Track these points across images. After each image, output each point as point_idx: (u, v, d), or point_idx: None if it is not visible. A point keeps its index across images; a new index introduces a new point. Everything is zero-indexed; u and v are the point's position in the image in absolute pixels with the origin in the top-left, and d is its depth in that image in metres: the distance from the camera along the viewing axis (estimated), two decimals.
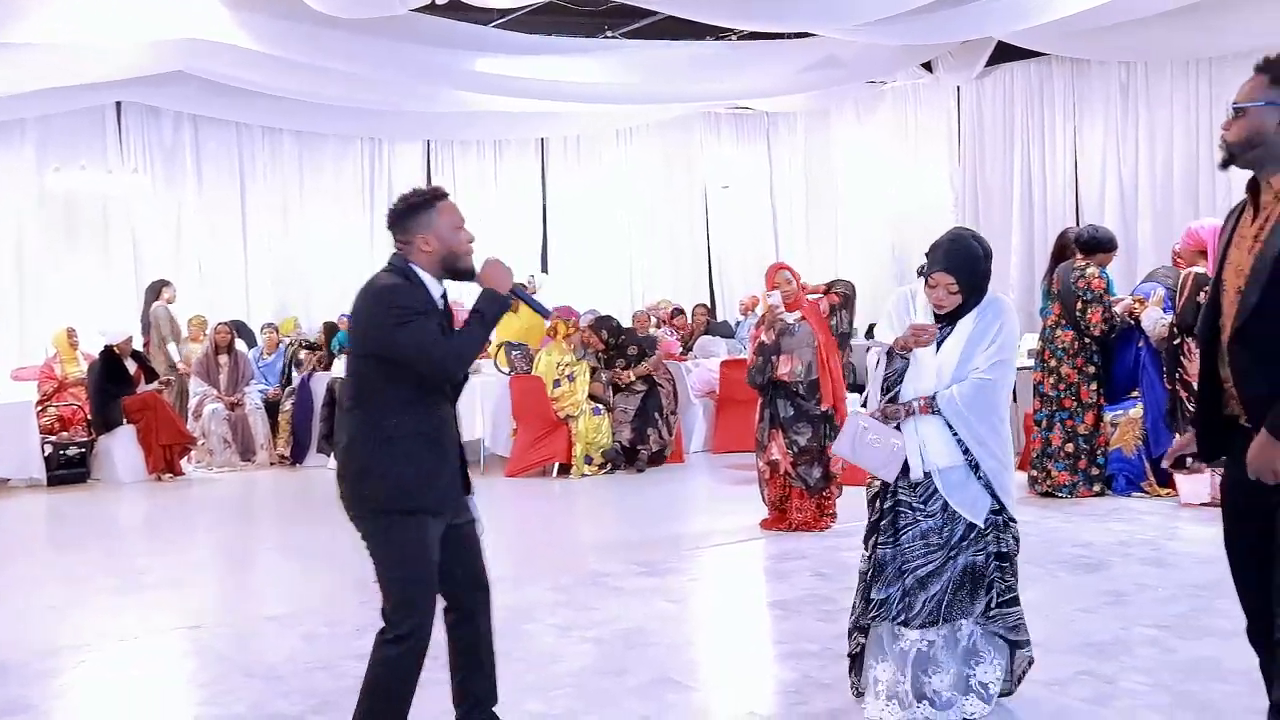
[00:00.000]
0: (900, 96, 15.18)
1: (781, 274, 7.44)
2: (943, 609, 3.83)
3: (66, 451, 10.63)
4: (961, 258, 3.87)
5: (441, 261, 3.54)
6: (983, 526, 3.87)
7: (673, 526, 8.05)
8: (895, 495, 3.93)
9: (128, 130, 13.69)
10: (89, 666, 5.10)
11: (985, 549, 3.88)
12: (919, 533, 3.88)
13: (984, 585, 3.87)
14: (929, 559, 3.86)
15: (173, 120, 13.90)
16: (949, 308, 3.89)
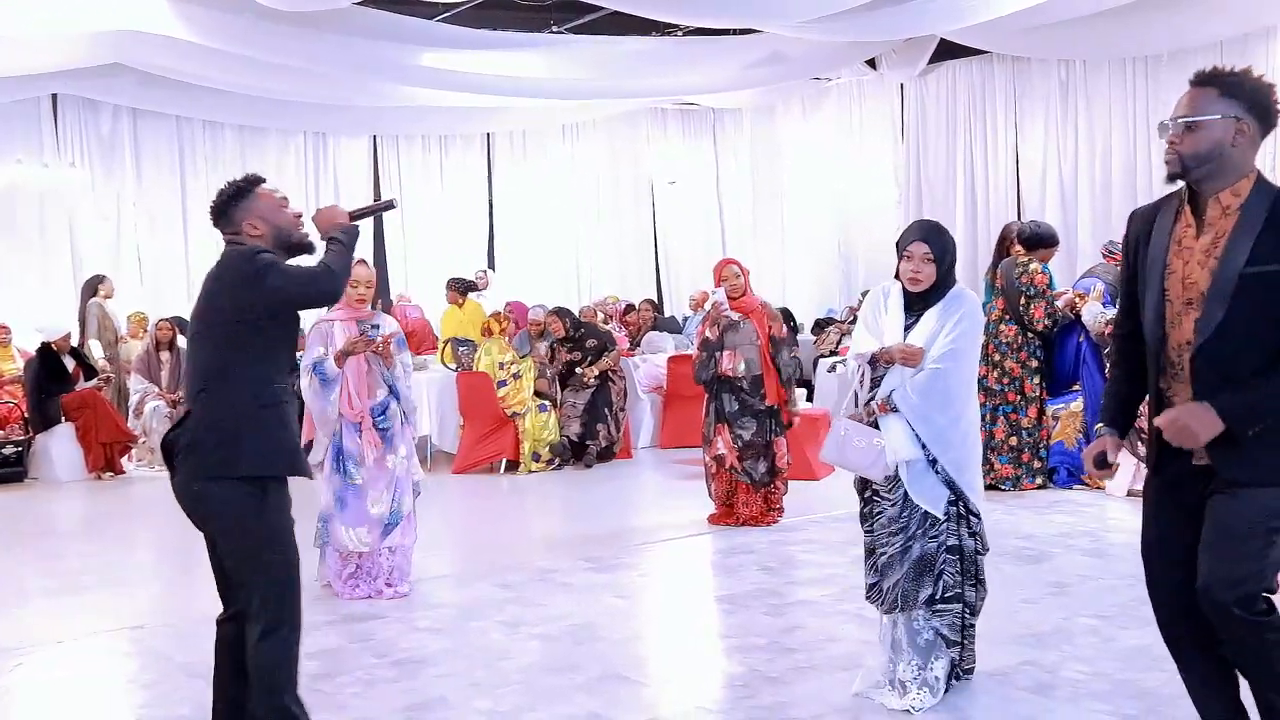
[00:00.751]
0: (845, 93, 15.30)
1: (729, 269, 7.46)
2: (900, 596, 3.95)
3: (2, 450, 10.42)
4: (934, 230, 4.04)
5: (275, 240, 3.54)
6: (940, 517, 3.94)
7: (621, 522, 8.05)
8: (871, 484, 4.06)
9: (64, 123, 13.45)
10: (26, 669, 5.01)
11: (939, 539, 3.95)
12: (886, 519, 4.00)
13: (932, 574, 3.95)
14: (891, 544, 3.98)
15: (111, 113, 13.67)
16: (926, 282, 3.96)
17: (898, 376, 3.98)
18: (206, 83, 12.12)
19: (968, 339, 3.98)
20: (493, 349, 10.13)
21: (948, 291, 4.01)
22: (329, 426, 5.90)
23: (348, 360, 5.76)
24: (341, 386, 5.79)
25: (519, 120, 15.48)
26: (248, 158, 14.54)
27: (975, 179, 13.95)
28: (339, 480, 5.85)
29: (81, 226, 13.56)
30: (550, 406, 10.16)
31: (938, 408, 3.93)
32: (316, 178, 15.13)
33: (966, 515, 4.01)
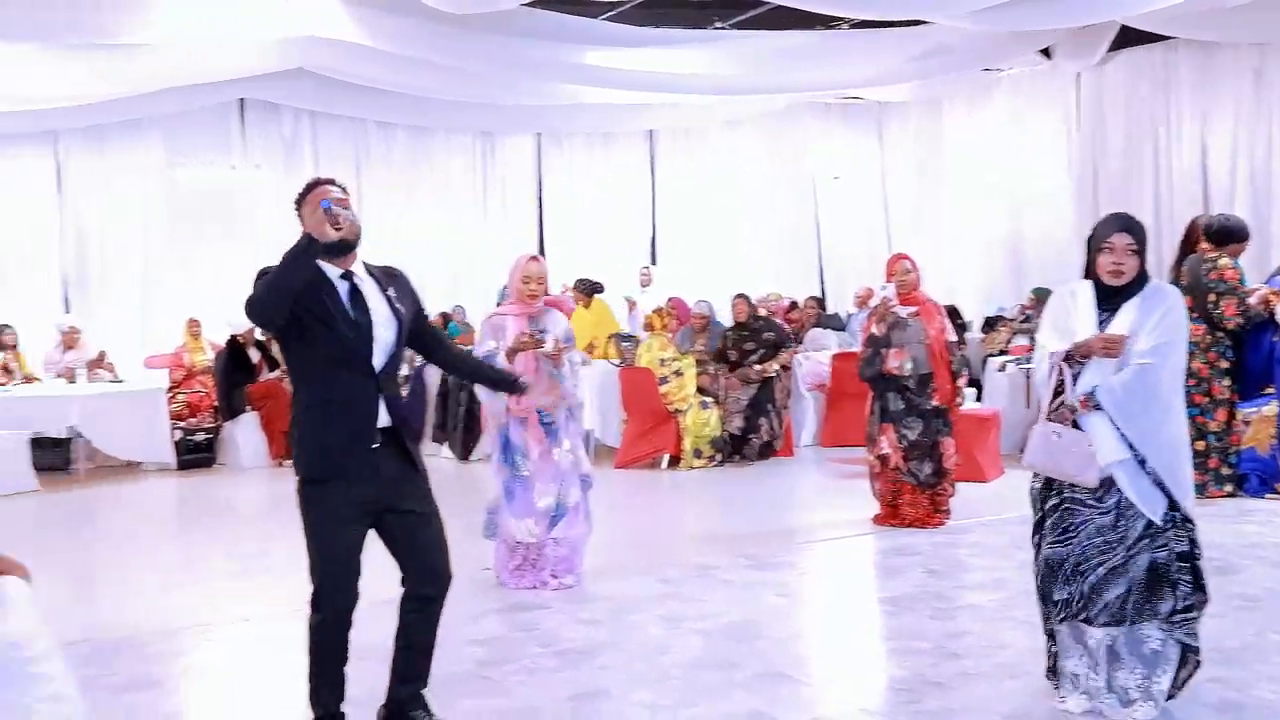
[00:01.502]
0: (1015, 84, 14.84)
1: (902, 264, 7.32)
2: (1128, 609, 3.73)
3: (194, 437, 10.99)
4: (1135, 221, 3.87)
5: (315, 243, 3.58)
6: (1161, 524, 3.73)
7: (782, 520, 8.00)
8: (1063, 493, 3.83)
9: (250, 126, 14.09)
10: (212, 645, 5.27)
11: (1168, 547, 3.74)
12: (1094, 529, 3.77)
13: (1169, 585, 3.74)
14: (1107, 557, 3.75)
15: (292, 116, 14.26)
16: (1129, 274, 3.78)
17: (1097, 373, 3.78)
18: (380, 85, 12.54)
19: (1176, 333, 3.77)
20: (654, 345, 10.19)
21: (1144, 285, 3.82)
22: (498, 419, 6.02)
23: (516, 356, 5.86)
24: None
25: (682, 117, 15.51)
26: (417, 157, 14.99)
27: (1159, 172, 13.33)
28: (507, 472, 5.98)
29: (264, 224, 14.19)
30: (712, 403, 10.16)
31: (1145, 406, 3.71)
32: (484, 176, 15.48)
33: (1185, 521, 3.79)
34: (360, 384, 3.63)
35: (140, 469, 10.75)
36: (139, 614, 5.82)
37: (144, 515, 9.11)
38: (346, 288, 3.67)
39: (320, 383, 3.64)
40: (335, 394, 3.62)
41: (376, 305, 3.71)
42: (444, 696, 4.39)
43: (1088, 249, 3.91)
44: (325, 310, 3.60)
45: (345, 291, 3.66)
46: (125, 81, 11.41)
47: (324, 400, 3.63)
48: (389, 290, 3.77)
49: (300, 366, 3.71)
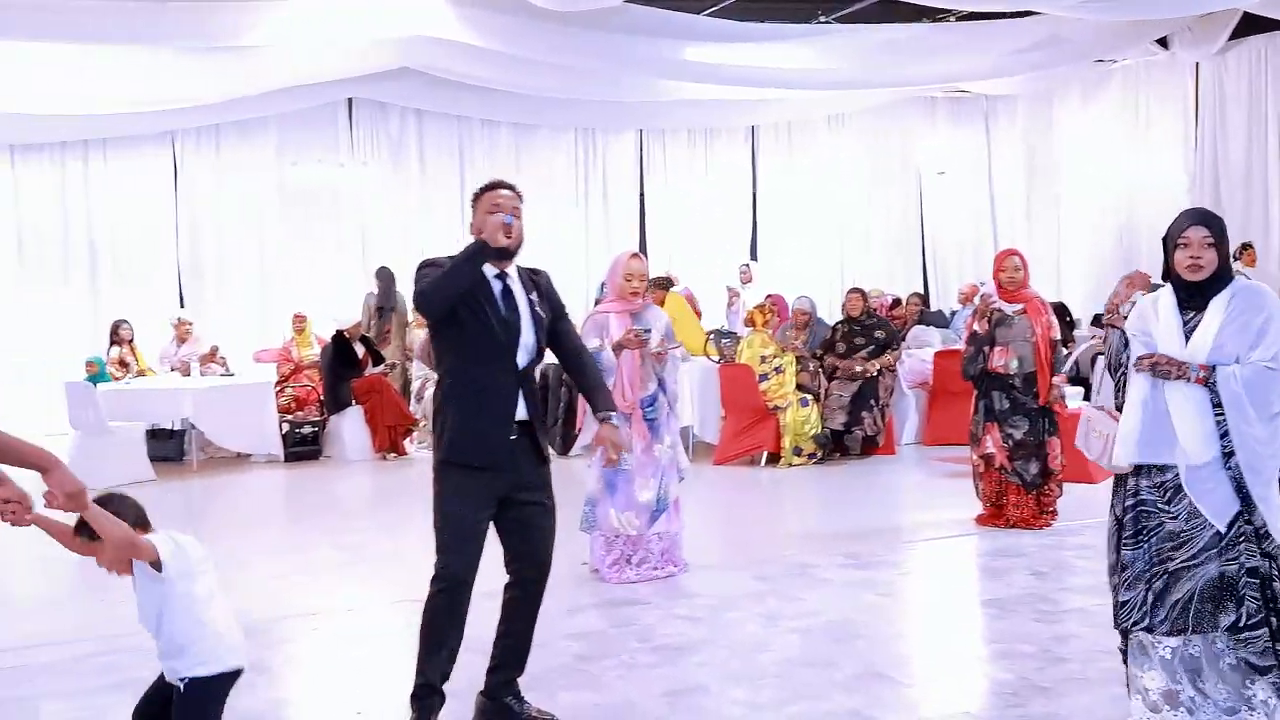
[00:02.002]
0: (1130, 75, 14.45)
1: (1010, 260, 7.19)
2: (1190, 618, 3.56)
3: (301, 430, 11.22)
4: (1209, 213, 3.73)
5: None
6: (1225, 532, 3.55)
7: (882, 519, 7.90)
8: (1138, 494, 3.69)
9: (358, 125, 14.39)
10: (319, 633, 5.38)
11: (1237, 559, 3.55)
12: (1165, 534, 3.62)
13: (1234, 599, 3.54)
14: (1175, 562, 3.59)
15: (398, 114, 14.52)
16: (1208, 268, 3.62)
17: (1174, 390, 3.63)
18: (484, 83, 12.70)
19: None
20: (755, 342, 10.14)
21: (1228, 282, 3.65)
22: None
23: (622, 353, 5.90)
24: (615, 378, 5.92)
25: (784, 112, 15.42)
26: (521, 154, 15.14)
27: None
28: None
29: (371, 221, 14.48)
30: (812, 400, 10.07)
31: (1260, 407, 3.54)
32: (585, 173, 15.57)
33: (1260, 535, 3.57)
34: (503, 378, 3.87)
35: (249, 460, 11.03)
36: (248, 601, 5.95)
37: (253, 506, 9.35)
38: (500, 288, 3.90)
39: (467, 374, 3.88)
40: (480, 386, 3.86)
41: (523, 308, 3.94)
42: (542, 689, 4.44)
43: (1164, 249, 3.75)
44: (480, 308, 3.83)
45: (499, 291, 3.90)
46: (240, 83, 11.75)
47: (469, 391, 3.87)
48: (532, 294, 3.99)
49: (450, 357, 3.93)
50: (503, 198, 3.93)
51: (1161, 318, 3.71)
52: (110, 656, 5.00)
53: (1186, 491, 3.59)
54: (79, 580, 6.84)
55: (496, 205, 3.91)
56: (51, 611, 6.10)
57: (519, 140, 15.13)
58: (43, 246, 13.50)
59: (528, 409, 3.91)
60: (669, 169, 15.92)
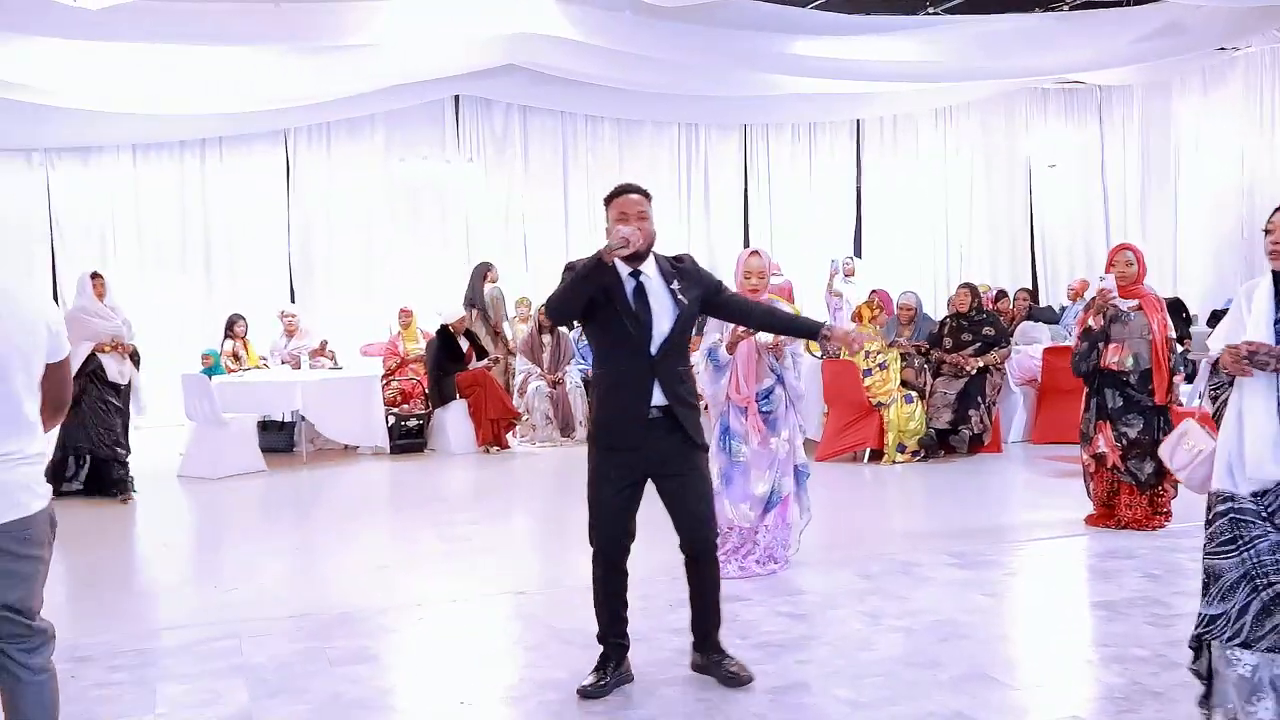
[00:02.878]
0: (1254, 64, 13.95)
1: (1123, 255, 7.00)
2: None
3: (407, 423, 11.41)
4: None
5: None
6: None
7: (988, 518, 7.75)
8: (1234, 500, 3.45)
9: (463, 121, 14.58)
10: (426, 623, 5.46)
11: None
12: (1268, 546, 3.38)
13: None
14: (1273, 575, 3.38)
15: (503, 111, 14.68)
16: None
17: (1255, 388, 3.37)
18: (588, 79, 12.78)
19: None
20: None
21: None
22: (719, 407, 6.11)
23: (738, 347, 5.91)
24: (731, 372, 5.95)
25: (889, 105, 15.24)
26: (624, 150, 15.18)
27: None
28: (725, 458, 6.06)
29: (475, 216, 14.66)
30: (916, 397, 9.93)
31: None
32: (688, 168, 15.56)
33: None
34: (638, 367, 4.18)
35: (356, 452, 11.25)
36: (357, 591, 6.10)
37: (359, 497, 9.53)
38: (633, 285, 4.19)
39: (608, 363, 4.30)
40: (617, 374, 4.24)
41: (660, 299, 4.21)
42: (645, 683, 4.46)
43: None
44: (612, 305, 4.17)
45: (631, 289, 4.19)
46: (348, 81, 11.99)
47: (609, 379, 4.28)
48: (674, 284, 4.25)
49: (596, 348, 4.38)
50: (629, 204, 4.19)
51: (1256, 304, 3.48)
52: (226, 641, 5.15)
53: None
54: (198, 568, 7.06)
55: (623, 214, 4.18)
56: (171, 597, 6.30)
57: (622, 136, 15.18)
58: (162, 242, 13.95)
59: (666, 394, 4.18)
60: (772, 164, 15.83)
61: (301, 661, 4.86)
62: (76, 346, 8.39)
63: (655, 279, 4.23)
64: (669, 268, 4.29)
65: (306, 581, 6.52)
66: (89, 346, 8.62)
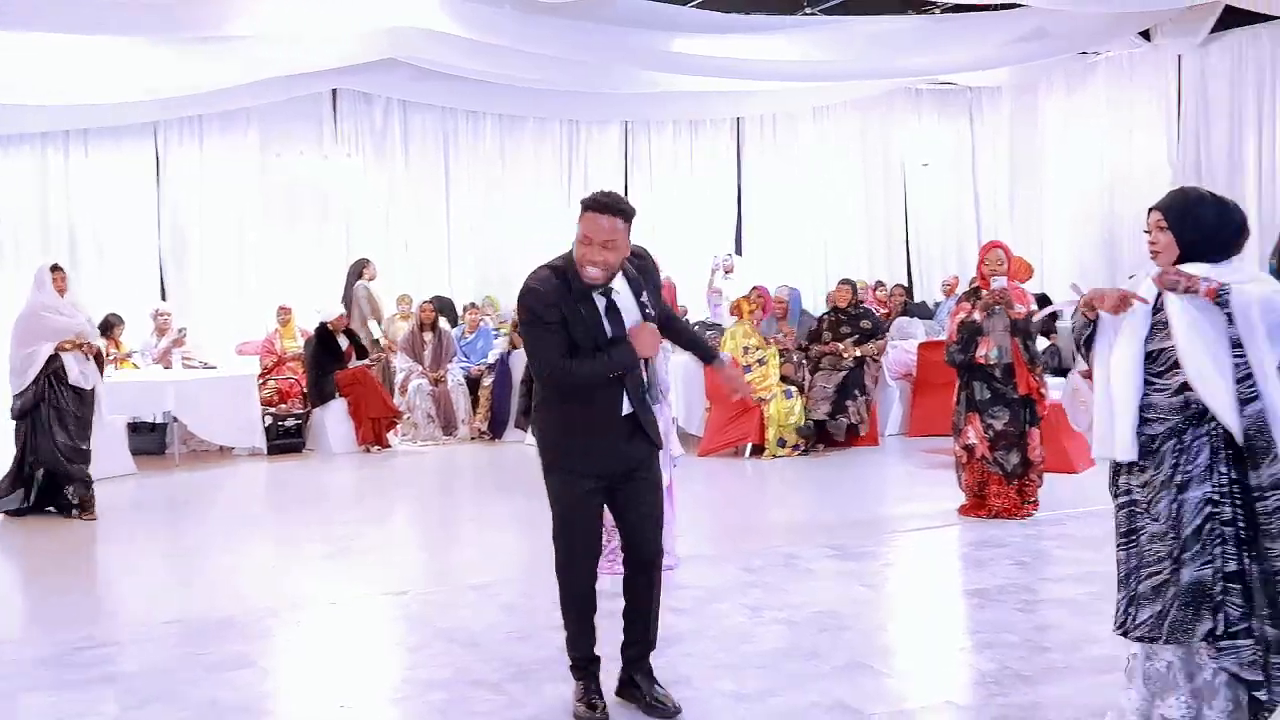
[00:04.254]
0: (1114, 67, 14.49)
1: (994, 253, 7.22)
2: (1165, 627, 3.42)
3: (285, 422, 11.18)
4: (1175, 197, 3.64)
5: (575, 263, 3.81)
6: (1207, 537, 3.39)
7: (866, 510, 7.93)
8: (1129, 492, 3.56)
9: (342, 116, 14.32)
10: (305, 626, 5.37)
11: (1213, 563, 3.39)
12: (1148, 538, 3.49)
13: (1209, 606, 3.39)
14: (1159, 568, 3.46)
15: (383, 105, 14.46)
16: (1164, 252, 3.54)
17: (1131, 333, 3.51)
18: (469, 74, 12.66)
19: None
20: (739, 333, 10.15)
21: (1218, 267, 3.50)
22: None
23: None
24: None
25: (769, 104, 15.41)
26: (505, 146, 15.09)
27: (1264, 158, 12.90)
28: None
29: (354, 213, 14.42)
30: (796, 392, 10.10)
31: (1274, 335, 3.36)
32: (570, 164, 15.53)
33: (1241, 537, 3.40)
34: (609, 385, 3.92)
35: (232, 454, 11.00)
36: (234, 595, 5.96)
37: (237, 499, 9.32)
38: (604, 304, 3.88)
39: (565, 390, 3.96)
40: (587, 396, 3.92)
41: (631, 314, 3.93)
42: (529, 681, 4.45)
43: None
44: (585, 328, 3.84)
45: (603, 308, 3.88)
46: (222, 74, 11.67)
47: (573, 394, 3.93)
48: (642, 294, 3.97)
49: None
50: (597, 229, 3.74)
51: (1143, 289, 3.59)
52: (97, 650, 4.99)
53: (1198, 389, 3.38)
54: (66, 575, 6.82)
55: (587, 238, 3.76)
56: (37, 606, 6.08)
57: (504, 132, 15.09)
58: (22, 237, 13.39)
59: (633, 402, 3.97)
60: (654, 161, 15.90)
61: (177, 669, 4.73)
62: (36, 347, 7.81)
63: (625, 293, 3.92)
64: (635, 274, 3.97)
65: (181, 587, 6.35)
66: (50, 347, 7.83)
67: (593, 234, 3.73)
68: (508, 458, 10.80)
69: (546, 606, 5.33)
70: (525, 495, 8.41)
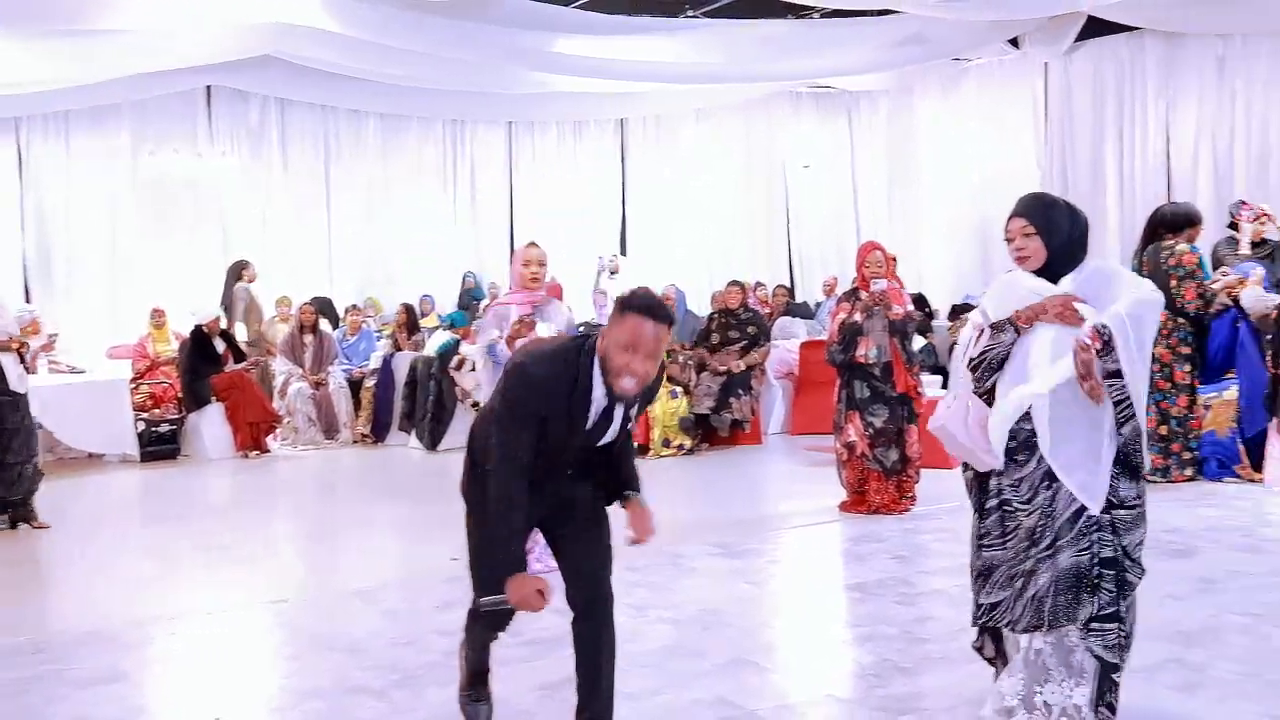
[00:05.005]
0: (985, 73, 14.92)
1: (873, 254, 7.34)
2: (1045, 613, 3.49)
3: (158, 428, 10.88)
4: (1033, 203, 3.65)
5: (601, 363, 3.32)
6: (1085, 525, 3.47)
7: (750, 508, 8.02)
8: (1000, 494, 3.60)
9: (217, 114, 13.97)
10: (179, 638, 5.21)
11: (1090, 550, 3.47)
12: (1025, 532, 3.55)
13: (1088, 590, 3.48)
14: (1028, 556, 3.53)
15: (260, 104, 14.16)
16: (1034, 258, 3.57)
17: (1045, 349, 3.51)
18: (350, 73, 12.46)
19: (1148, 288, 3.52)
20: None
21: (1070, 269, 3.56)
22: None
23: (515, 343, 5.86)
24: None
25: (653, 105, 15.50)
26: (388, 146, 14.91)
27: (1124, 161, 13.43)
28: None
29: (231, 213, 14.08)
30: (681, 392, 10.16)
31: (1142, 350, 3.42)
32: (454, 165, 15.41)
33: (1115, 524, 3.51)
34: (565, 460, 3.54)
35: (102, 461, 10.65)
36: (105, 607, 5.77)
37: (108, 507, 9.02)
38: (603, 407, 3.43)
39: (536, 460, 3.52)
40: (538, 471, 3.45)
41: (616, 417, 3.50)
42: (412, 687, 4.39)
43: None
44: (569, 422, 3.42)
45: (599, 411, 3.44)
46: (91, 68, 11.28)
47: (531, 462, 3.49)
48: (632, 408, 3.54)
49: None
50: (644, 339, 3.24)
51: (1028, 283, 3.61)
52: None
53: (1062, 474, 3.48)
54: None
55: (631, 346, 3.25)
56: None
57: (386, 131, 14.91)
58: None
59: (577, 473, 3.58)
60: (538, 161, 15.87)
61: (41, 686, 4.56)
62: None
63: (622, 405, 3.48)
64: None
65: (47, 600, 6.14)
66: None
67: (639, 343, 3.22)
68: (391, 461, 10.65)
69: (430, 611, 5.28)
70: (409, 499, 8.34)
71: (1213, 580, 5.44)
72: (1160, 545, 6.09)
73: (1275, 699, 3.91)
